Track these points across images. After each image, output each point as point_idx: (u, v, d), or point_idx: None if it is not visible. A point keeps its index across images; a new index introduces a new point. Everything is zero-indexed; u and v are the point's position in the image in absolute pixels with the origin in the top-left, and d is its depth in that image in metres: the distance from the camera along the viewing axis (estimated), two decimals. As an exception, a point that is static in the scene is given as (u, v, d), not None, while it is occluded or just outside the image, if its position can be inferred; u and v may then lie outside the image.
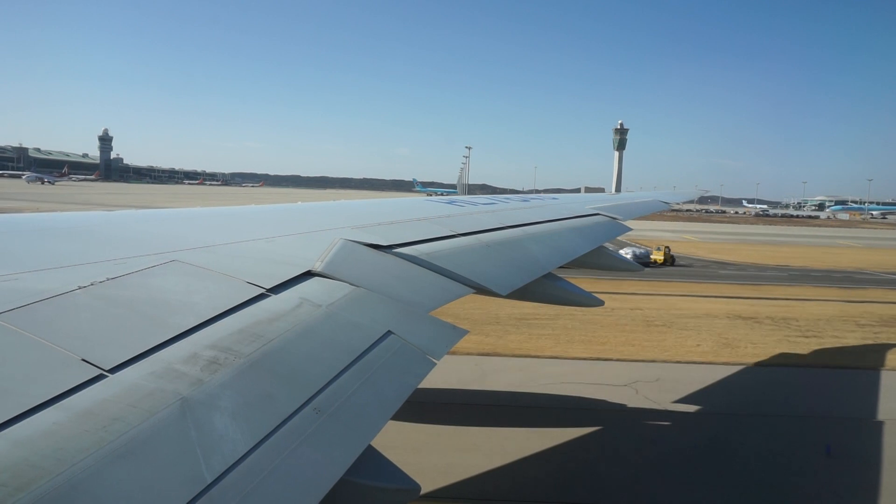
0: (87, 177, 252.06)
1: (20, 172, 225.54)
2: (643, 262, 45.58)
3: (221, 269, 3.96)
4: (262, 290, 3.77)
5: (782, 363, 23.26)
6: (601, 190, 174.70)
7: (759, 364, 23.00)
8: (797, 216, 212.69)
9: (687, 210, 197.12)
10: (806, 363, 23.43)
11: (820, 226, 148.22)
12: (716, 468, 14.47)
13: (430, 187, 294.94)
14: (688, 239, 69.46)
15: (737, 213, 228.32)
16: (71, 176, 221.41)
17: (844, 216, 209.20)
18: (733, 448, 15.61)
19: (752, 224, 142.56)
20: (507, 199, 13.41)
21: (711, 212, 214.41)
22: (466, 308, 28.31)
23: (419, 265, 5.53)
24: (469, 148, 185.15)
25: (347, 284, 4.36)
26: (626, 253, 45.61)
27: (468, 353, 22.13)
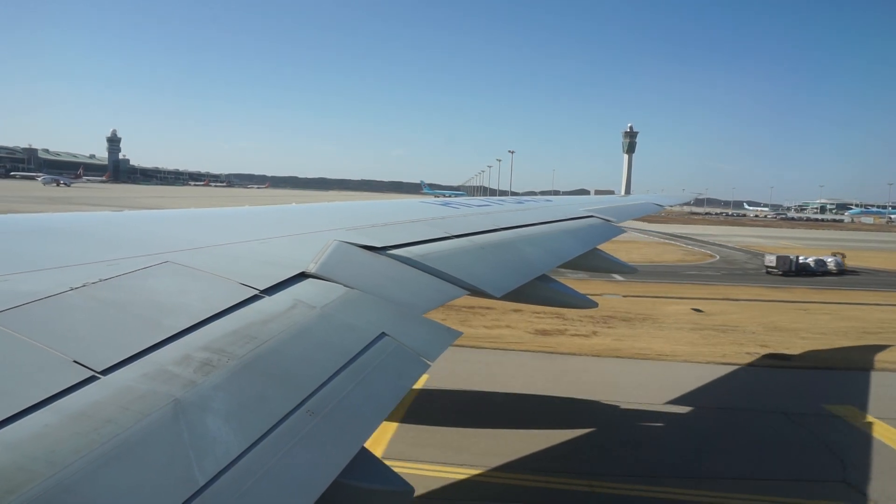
0: (99, 178, 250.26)
1: (33, 174, 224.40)
2: (840, 269, 49.06)
3: (215, 271, 3.94)
4: (256, 292, 3.75)
5: None
6: (611, 192, 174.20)
7: None
8: (821, 220, 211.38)
9: (706, 213, 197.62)
10: None
11: (858, 230, 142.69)
12: None
13: (434, 189, 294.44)
14: (786, 245, 66.53)
15: (756, 216, 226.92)
16: (83, 177, 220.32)
17: (868, 220, 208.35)
18: None
19: (787, 228, 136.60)
20: (502, 200, 13.38)
21: (730, 215, 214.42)
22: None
23: (413, 267, 5.51)
24: (512, 152, 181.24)
25: (341, 286, 4.35)
26: (829, 261, 49.17)
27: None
